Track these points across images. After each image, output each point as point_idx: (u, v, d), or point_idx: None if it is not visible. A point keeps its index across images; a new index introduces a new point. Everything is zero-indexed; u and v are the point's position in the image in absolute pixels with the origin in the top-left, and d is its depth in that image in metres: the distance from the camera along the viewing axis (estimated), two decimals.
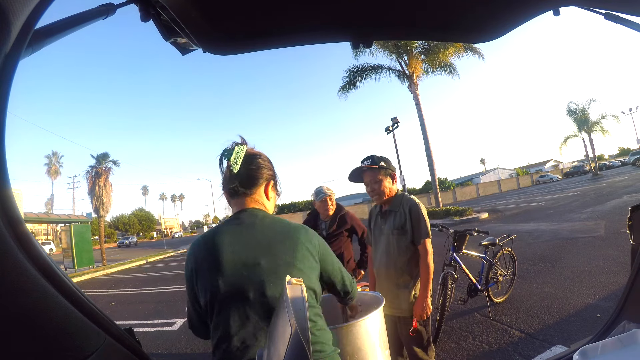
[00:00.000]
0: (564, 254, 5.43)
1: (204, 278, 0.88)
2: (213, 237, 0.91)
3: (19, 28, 0.49)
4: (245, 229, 0.92)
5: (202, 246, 0.92)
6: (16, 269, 0.44)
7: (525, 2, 1.21)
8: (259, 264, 0.87)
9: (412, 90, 15.28)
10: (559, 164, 63.59)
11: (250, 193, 0.99)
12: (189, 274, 0.92)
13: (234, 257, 0.87)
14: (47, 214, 24.60)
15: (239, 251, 0.88)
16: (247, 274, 0.86)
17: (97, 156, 19.78)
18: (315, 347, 0.87)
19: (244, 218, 0.95)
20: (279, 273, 0.87)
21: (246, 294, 0.84)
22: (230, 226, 0.94)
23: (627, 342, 1.25)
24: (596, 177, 28.18)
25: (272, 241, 0.92)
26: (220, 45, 1.19)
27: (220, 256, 0.87)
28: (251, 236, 0.91)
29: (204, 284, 0.87)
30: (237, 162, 0.95)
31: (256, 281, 0.85)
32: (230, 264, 0.86)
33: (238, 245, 0.89)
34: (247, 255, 0.88)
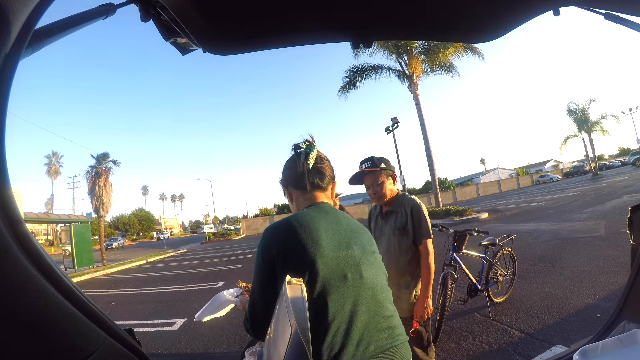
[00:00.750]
0: (564, 254, 5.43)
1: (299, 260, 0.84)
2: (306, 220, 0.90)
3: (19, 28, 0.49)
4: (332, 217, 0.96)
5: (292, 230, 0.88)
6: (16, 269, 0.44)
7: (525, 2, 1.21)
8: (352, 248, 0.90)
9: (412, 90, 15.28)
10: (559, 164, 63.58)
11: (325, 189, 1.05)
12: (270, 259, 0.86)
13: (330, 239, 0.88)
14: (47, 214, 24.58)
15: (332, 236, 0.90)
16: (343, 256, 0.88)
17: (97, 156, 19.78)
18: (396, 331, 0.90)
19: (327, 209, 0.99)
20: (369, 258, 0.93)
21: (345, 274, 0.85)
22: (318, 213, 0.95)
23: (627, 342, 1.25)
24: (596, 177, 28.18)
25: (355, 231, 0.97)
26: (220, 45, 1.19)
27: (320, 238, 0.86)
28: (339, 224, 0.95)
29: (299, 265, 0.83)
30: (313, 158, 1.02)
31: (352, 263, 0.88)
32: (328, 246, 0.87)
33: (330, 230, 0.91)
34: (340, 239, 0.90)
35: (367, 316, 0.84)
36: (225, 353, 3.47)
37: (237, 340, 3.76)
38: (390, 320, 0.90)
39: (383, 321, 0.87)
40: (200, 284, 7.84)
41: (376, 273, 0.93)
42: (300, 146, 1.04)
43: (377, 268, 0.95)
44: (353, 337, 0.80)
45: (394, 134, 16.43)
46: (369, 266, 0.91)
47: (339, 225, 0.94)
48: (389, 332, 0.87)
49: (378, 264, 0.97)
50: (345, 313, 0.82)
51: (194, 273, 9.88)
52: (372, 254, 0.96)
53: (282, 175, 1.10)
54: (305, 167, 1.01)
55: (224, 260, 11.99)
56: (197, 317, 1.44)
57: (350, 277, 0.85)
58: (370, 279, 0.90)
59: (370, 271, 0.91)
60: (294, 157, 1.05)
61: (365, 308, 0.85)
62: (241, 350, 1.53)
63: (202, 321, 1.48)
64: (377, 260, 0.97)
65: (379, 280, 0.93)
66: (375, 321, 0.85)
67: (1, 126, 0.47)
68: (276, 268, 0.85)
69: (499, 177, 51.61)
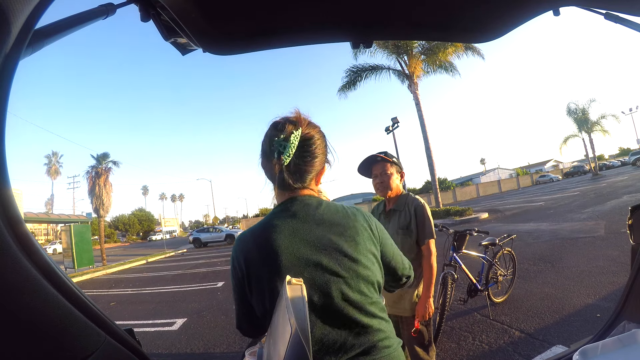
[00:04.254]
0: (564, 254, 5.43)
1: (260, 282, 0.78)
2: (265, 234, 0.80)
3: (19, 28, 0.49)
4: (300, 223, 0.81)
5: (252, 245, 0.81)
6: (16, 269, 0.44)
7: (525, 2, 1.21)
8: (320, 264, 0.78)
9: (412, 90, 15.28)
10: (559, 164, 63.59)
11: (300, 188, 0.86)
12: (238, 277, 0.82)
13: (292, 256, 0.77)
14: (47, 214, 24.60)
15: (297, 250, 0.78)
16: (308, 275, 0.76)
17: (97, 156, 19.79)
18: (384, 343, 0.80)
19: (297, 209, 0.83)
20: (341, 272, 0.78)
21: (310, 297, 0.75)
22: (283, 220, 0.81)
23: (627, 342, 1.25)
24: (596, 177, 28.18)
25: (332, 235, 0.81)
26: (220, 45, 1.19)
27: (278, 257, 0.77)
28: (308, 231, 0.80)
29: (261, 289, 0.78)
30: (289, 155, 0.80)
31: (319, 283, 0.77)
32: (289, 265, 0.76)
33: (296, 243, 0.79)
34: (307, 253, 0.78)
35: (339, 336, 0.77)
36: (225, 353, 3.47)
37: (237, 340, 3.76)
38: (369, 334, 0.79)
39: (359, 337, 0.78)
40: (200, 284, 7.84)
41: (349, 289, 0.78)
42: (275, 136, 0.82)
43: (356, 280, 0.80)
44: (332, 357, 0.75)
45: (394, 134, 16.44)
46: (341, 283, 0.78)
47: (308, 233, 0.80)
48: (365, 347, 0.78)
49: (356, 274, 0.80)
50: (315, 336, 0.75)
51: (194, 273, 9.89)
52: (351, 262, 0.80)
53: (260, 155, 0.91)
54: (276, 168, 0.81)
55: (224, 261, 11.99)
56: None
57: (316, 299, 0.76)
58: (341, 297, 0.77)
59: (341, 288, 0.77)
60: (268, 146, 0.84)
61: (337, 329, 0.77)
62: (241, 350, 1.53)
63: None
64: (357, 268, 0.80)
65: (353, 297, 0.78)
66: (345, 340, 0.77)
67: (1, 126, 0.47)
68: (244, 284, 0.81)
69: (499, 177, 51.61)
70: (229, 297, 6.03)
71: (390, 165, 1.89)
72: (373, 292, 0.83)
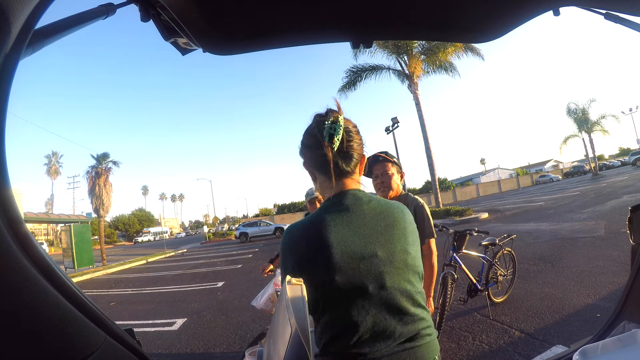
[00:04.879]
0: (564, 254, 5.43)
1: (314, 276, 0.79)
2: (318, 228, 0.81)
3: (19, 28, 0.49)
4: (353, 217, 0.84)
5: (304, 239, 0.83)
6: (16, 269, 0.44)
7: (525, 2, 1.21)
8: (375, 255, 0.81)
9: (412, 90, 15.28)
10: (559, 164, 63.60)
11: (351, 172, 0.89)
12: (289, 270, 0.83)
13: (347, 250, 0.79)
14: (47, 214, 24.59)
15: (352, 243, 0.80)
16: (364, 267, 0.80)
17: (97, 156, 19.79)
18: (427, 331, 0.84)
19: (349, 203, 0.85)
20: (394, 262, 0.83)
21: (365, 287, 0.79)
22: (335, 215, 0.83)
23: (627, 342, 1.25)
24: (596, 177, 28.18)
25: (384, 227, 0.85)
26: (220, 45, 1.19)
27: (333, 250, 0.78)
28: (362, 224, 0.83)
29: (315, 282, 0.79)
30: (339, 138, 0.83)
31: (374, 273, 0.80)
32: (345, 259, 0.79)
33: (350, 236, 0.81)
34: (362, 246, 0.81)
35: (390, 324, 0.80)
36: (225, 353, 3.47)
37: (237, 340, 3.76)
38: (415, 322, 0.84)
39: (407, 325, 0.82)
40: (200, 284, 7.84)
41: (401, 279, 0.83)
42: (324, 122, 0.84)
43: (403, 270, 0.84)
44: (377, 346, 0.79)
45: (394, 134, 16.44)
46: (394, 274, 0.82)
47: (362, 226, 0.83)
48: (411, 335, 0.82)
49: (406, 265, 0.85)
50: (368, 324, 0.79)
51: (194, 273, 9.88)
52: (401, 253, 0.84)
53: (303, 151, 0.93)
54: (329, 152, 0.83)
55: (224, 260, 11.99)
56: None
57: (371, 289, 0.79)
58: (394, 287, 0.82)
59: (394, 279, 0.82)
60: (316, 133, 0.86)
61: (388, 317, 0.81)
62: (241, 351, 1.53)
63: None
64: (405, 258, 0.85)
65: (404, 287, 0.83)
66: (395, 328, 0.81)
67: (1, 126, 0.47)
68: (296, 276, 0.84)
69: (499, 177, 51.61)
70: (229, 297, 6.03)
71: (391, 165, 1.90)
72: (419, 283, 0.88)
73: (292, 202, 43.46)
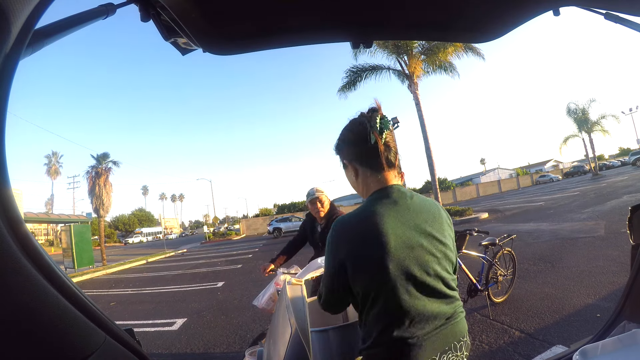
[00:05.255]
0: (564, 254, 5.43)
1: (368, 262, 0.85)
2: (371, 219, 0.87)
3: (19, 28, 0.49)
4: (402, 210, 0.90)
5: (357, 230, 0.88)
6: (16, 269, 0.44)
7: (525, 2, 1.21)
8: (421, 245, 0.88)
9: (412, 90, 15.27)
10: (559, 164, 63.61)
11: (395, 165, 0.97)
12: (340, 262, 0.88)
13: (398, 239, 0.86)
14: (47, 214, 24.58)
15: (401, 234, 0.87)
16: (412, 255, 0.86)
17: (97, 156, 19.78)
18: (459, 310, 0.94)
19: (396, 197, 0.92)
20: (435, 252, 0.90)
21: (414, 274, 0.85)
22: (385, 207, 0.89)
23: (627, 342, 1.25)
24: (596, 177, 28.18)
25: (426, 221, 0.92)
26: (220, 45, 1.19)
27: (387, 239, 0.84)
28: (409, 217, 0.90)
29: (368, 269, 0.85)
30: (389, 131, 0.94)
31: (421, 262, 0.87)
32: (397, 247, 0.85)
33: (399, 227, 0.87)
34: (410, 236, 0.88)
35: (433, 306, 0.88)
36: (225, 353, 3.47)
37: (237, 340, 3.76)
38: (452, 303, 0.93)
39: (446, 305, 0.91)
40: (200, 284, 7.84)
41: (441, 267, 0.91)
42: (375, 118, 0.92)
43: (443, 259, 0.92)
44: (426, 326, 0.87)
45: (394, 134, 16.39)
46: (435, 262, 0.89)
47: (408, 218, 0.90)
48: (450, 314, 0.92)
49: (443, 254, 0.93)
50: (418, 308, 0.85)
51: (194, 273, 9.88)
52: (441, 245, 0.92)
53: (344, 147, 1.00)
54: (381, 145, 0.91)
55: (224, 260, 11.99)
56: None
57: (419, 275, 0.86)
58: (436, 274, 0.89)
59: (435, 267, 0.89)
60: (363, 129, 0.92)
61: (432, 300, 0.89)
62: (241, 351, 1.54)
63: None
64: (443, 249, 0.93)
65: (443, 274, 0.91)
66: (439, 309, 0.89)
67: (1, 126, 0.47)
68: (347, 272, 0.88)
69: (499, 177, 51.60)
70: (229, 297, 6.03)
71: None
72: (453, 271, 0.97)
73: (292, 202, 43.47)
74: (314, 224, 2.69)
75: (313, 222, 2.70)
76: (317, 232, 2.63)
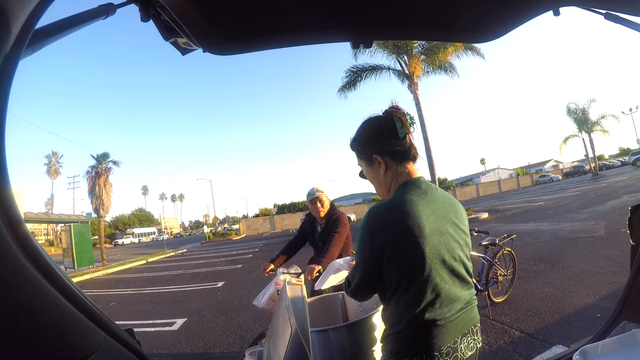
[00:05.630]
0: (564, 254, 5.43)
1: (407, 251, 0.90)
2: (407, 207, 0.92)
3: (19, 28, 0.49)
4: (429, 199, 0.97)
5: (399, 222, 0.91)
6: (16, 269, 0.44)
7: (525, 2, 1.21)
8: (448, 232, 0.95)
9: (412, 90, 15.26)
10: (559, 164, 63.60)
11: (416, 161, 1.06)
12: (377, 249, 0.92)
13: (431, 225, 0.92)
14: (47, 214, 24.60)
15: (433, 221, 0.93)
16: (443, 240, 0.93)
17: (97, 156, 19.79)
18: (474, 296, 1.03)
19: (425, 188, 0.99)
20: (459, 240, 0.98)
21: (444, 259, 0.93)
22: (418, 196, 0.95)
23: (627, 342, 1.25)
24: (596, 177, 28.19)
25: (450, 211, 1.00)
26: (220, 45, 1.19)
27: (424, 228, 0.90)
28: (437, 206, 0.97)
29: (404, 252, 0.90)
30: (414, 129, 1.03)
31: (449, 247, 0.94)
32: (431, 233, 0.91)
33: (431, 215, 0.93)
34: (440, 224, 0.94)
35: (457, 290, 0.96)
36: (225, 353, 3.47)
37: (237, 340, 3.76)
38: (470, 289, 1.01)
39: (466, 290, 0.99)
40: (200, 284, 7.84)
41: (463, 254, 0.99)
42: (404, 115, 1.01)
43: (464, 247, 1.01)
44: (454, 305, 0.94)
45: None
46: (459, 249, 0.97)
47: (437, 207, 0.97)
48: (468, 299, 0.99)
49: (465, 242, 1.01)
50: (446, 290, 0.92)
51: (194, 273, 9.88)
52: (462, 232, 1.00)
53: (371, 141, 1.05)
54: (411, 138, 1.02)
55: (224, 260, 11.99)
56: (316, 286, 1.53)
57: (447, 260, 0.93)
58: (460, 259, 0.97)
59: (459, 253, 0.97)
60: (393, 124, 1.00)
61: (457, 284, 0.96)
62: (241, 351, 1.54)
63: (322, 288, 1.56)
64: (465, 237, 1.01)
65: (464, 260, 1.00)
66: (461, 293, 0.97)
67: (1, 126, 0.47)
68: (383, 259, 0.92)
69: (499, 177, 51.60)
70: (229, 297, 6.03)
71: None
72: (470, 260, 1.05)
73: (292, 202, 43.47)
74: (314, 224, 2.68)
75: (313, 222, 2.70)
76: (317, 232, 2.63)
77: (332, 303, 1.63)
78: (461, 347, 0.94)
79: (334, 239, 2.35)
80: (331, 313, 1.60)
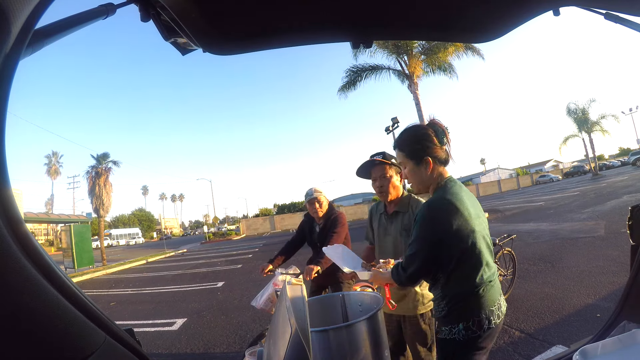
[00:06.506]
0: (564, 254, 5.43)
1: (464, 233, 1.16)
2: (455, 201, 1.18)
3: (19, 28, 0.49)
4: (466, 192, 1.25)
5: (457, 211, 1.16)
6: (16, 269, 0.44)
7: (525, 2, 1.21)
8: (480, 217, 1.24)
9: (412, 90, 15.26)
10: (559, 164, 63.60)
11: None
12: (437, 238, 1.16)
13: (472, 212, 1.20)
14: (47, 214, 24.59)
15: (472, 208, 1.21)
16: (481, 222, 1.23)
17: (97, 156, 19.79)
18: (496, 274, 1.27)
19: (459, 184, 1.27)
20: (486, 225, 1.28)
21: (484, 235, 1.22)
22: (460, 190, 1.23)
23: (627, 342, 1.25)
24: (596, 177, 28.19)
25: (475, 200, 1.29)
26: (220, 45, 1.19)
27: (471, 213, 1.18)
28: (470, 196, 1.26)
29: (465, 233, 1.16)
30: None
31: (483, 226, 1.24)
32: (475, 217, 1.19)
33: (470, 203, 1.21)
34: (476, 210, 1.24)
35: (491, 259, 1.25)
36: (225, 353, 3.47)
37: (237, 340, 3.76)
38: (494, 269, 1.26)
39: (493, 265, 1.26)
40: (200, 284, 7.84)
41: (488, 235, 1.27)
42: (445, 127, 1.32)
43: (487, 227, 1.28)
44: (494, 273, 1.25)
45: (394, 134, 16.44)
46: (487, 228, 1.27)
47: (470, 197, 1.25)
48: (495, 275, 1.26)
49: (486, 223, 1.29)
50: (488, 258, 1.22)
51: (194, 273, 9.89)
52: (484, 216, 1.29)
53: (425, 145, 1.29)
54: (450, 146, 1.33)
55: (224, 260, 12.00)
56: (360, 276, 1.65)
57: (485, 236, 1.23)
58: (488, 235, 1.26)
59: (488, 231, 1.27)
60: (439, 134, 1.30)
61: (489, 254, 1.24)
62: (241, 351, 1.53)
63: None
64: (486, 220, 1.30)
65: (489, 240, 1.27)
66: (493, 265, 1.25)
67: (1, 126, 0.47)
68: (442, 245, 1.16)
69: (499, 177, 51.60)
70: (229, 297, 6.03)
71: (389, 167, 1.87)
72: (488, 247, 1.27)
73: (292, 202, 43.51)
74: (313, 224, 2.68)
75: (312, 222, 2.69)
76: (315, 232, 2.62)
77: (332, 303, 1.62)
78: (501, 303, 1.24)
79: (333, 239, 2.35)
80: (331, 313, 1.60)
